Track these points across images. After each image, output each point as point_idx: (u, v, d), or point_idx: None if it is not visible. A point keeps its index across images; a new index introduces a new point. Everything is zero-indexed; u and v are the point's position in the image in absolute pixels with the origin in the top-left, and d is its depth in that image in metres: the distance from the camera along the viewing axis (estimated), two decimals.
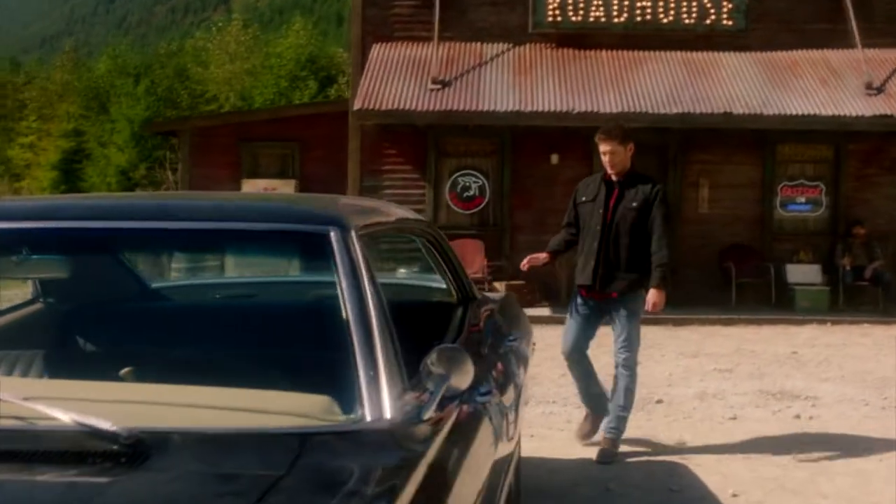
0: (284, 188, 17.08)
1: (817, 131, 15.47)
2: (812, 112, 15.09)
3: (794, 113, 15.07)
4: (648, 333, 12.94)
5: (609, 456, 6.64)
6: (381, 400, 2.54)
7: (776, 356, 11.34)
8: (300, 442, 2.32)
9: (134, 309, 3.86)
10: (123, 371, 2.88)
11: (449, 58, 16.12)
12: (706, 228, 15.93)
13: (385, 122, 15.57)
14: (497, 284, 14.89)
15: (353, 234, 2.92)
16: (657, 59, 16.14)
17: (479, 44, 16.43)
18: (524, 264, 6.78)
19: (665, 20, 16.30)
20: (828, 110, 15.12)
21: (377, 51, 16.32)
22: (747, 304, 15.27)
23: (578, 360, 6.82)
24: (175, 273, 5.20)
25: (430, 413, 2.66)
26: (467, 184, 16.12)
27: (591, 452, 6.73)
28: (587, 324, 6.77)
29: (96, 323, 3.88)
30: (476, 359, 3.98)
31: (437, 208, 16.04)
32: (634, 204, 6.54)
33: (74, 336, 3.89)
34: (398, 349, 2.86)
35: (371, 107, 15.11)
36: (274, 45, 51.34)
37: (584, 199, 6.76)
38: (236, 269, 5.94)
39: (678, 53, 16.23)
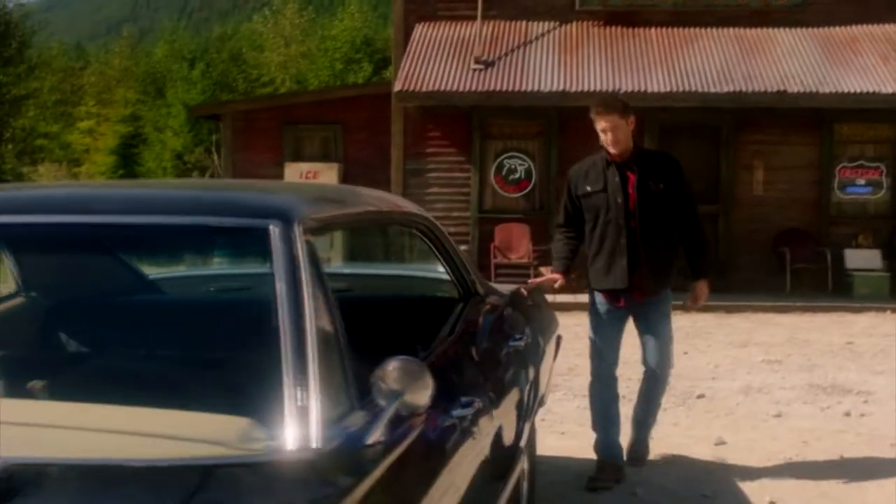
0: (327, 172, 16.78)
1: (878, 110, 14.77)
2: (872, 90, 14.44)
3: (852, 91, 14.43)
4: (697, 321, 12.54)
5: (639, 462, 6.09)
6: (309, 423, 2.17)
7: (830, 346, 10.80)
8: (200, 476, 1.95)
9: (47, 308, 3.47)
10: (32, 384, 2.53)
11: (493, 37, 15.69)
12: (760, 212, 15.33)
13: (426, 103, 15.19)
14: (543, 269, 14.45)
15: (296, 228, 2.54)
16: (708, 36, 15.57)
17: (524, 22, 15.96)
18: (527, 288, 5.37)
19: None
20: (888, 88, 14.45)
21: (420, 30, 15.93)
22: (802, 291, 14.67)
23: (608, 374, 5.85)
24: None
25: (375, 436, 2.29)
26: (513, 166, 15.67)
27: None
28: (614, 331, 5.79)
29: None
30: (466, 363, 3.63)
31: (483, 192, 15.62)
32: (661, 185, 5.54)
33: None
34: (345, 362, 2.49)
35: (412, 88, 14.74)
36: (329, 28, 51.10)
37: (588, 189, 5.61)
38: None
39: (730, 30, 15.65)
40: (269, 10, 56.56)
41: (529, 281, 5.90)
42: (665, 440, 6.62)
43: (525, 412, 4.12)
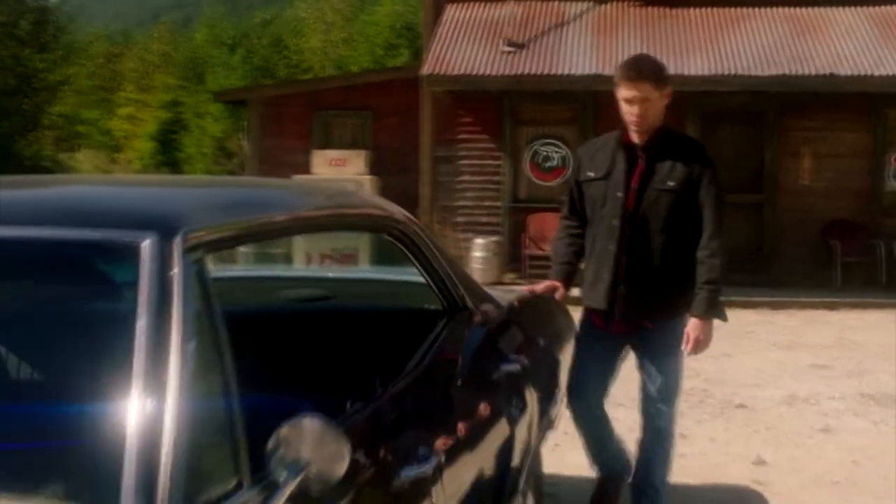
0: (355, 159, 16.17)
1: None
2: None
3: None
4: (740, 318, 11.75)
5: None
6: None
7: (882, 348, 10.02)
8: None
9: None
10: None
11: (525, 18, 15.01)
12: (807, 202, 14.52)
13: (455, 88, 14.56)
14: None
15: (177, 244, 1.92)
16: (755, 16, 14.77)
17: (557, 3, 15.28)
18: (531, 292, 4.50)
19: None
20: None
21: (450, 12, 15.30)
22: (853, 286, 13.85)
23: (591, 415, 4.55)
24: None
25: None
26: (548, 153, 14.99)
27: None
28: (603, 364, 4.50)
29: None
30: (436, 402, 3.00)
31: (517, 180, 14.97)
32: (671, 183, 4.24)
33: None
34: (235, 423, 1.87)
35: (440, 72, 14.12)
36: (370, 13, 50.56)
37: (590, 174, 4.39)
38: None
39: (780, 10, 14.85)
40: None
41: (524, 289, 4.69)
42: (700, 458, 6.01)
43: (520, 450, 3.48)
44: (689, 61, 13.87)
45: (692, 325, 4.28)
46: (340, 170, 15.97)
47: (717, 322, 4.38)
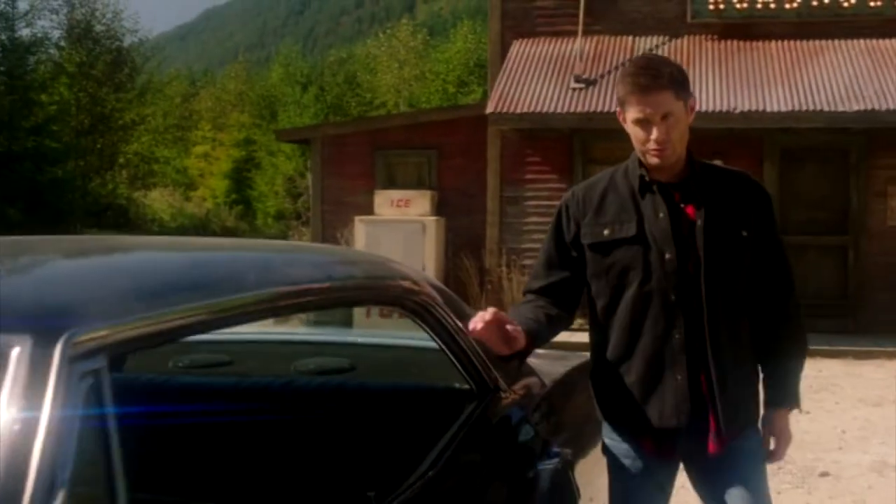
0: (420, 200, 15.69)
1: None
2: None
3: None
4: (823, 369, 11.05)
5: None
6: None
7: None
8: None
9: None
10: None
11: (596, 54, 14.46)
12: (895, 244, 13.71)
13: (521, 126, 14.04)
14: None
15: (60, 351, 1.42)
16: (836, 48, 14.04)
17: (630, 37, 14.67)
18: (477, 328, 2.70)
19: (846, 4, 14.15)
20: None
21: (517, 48, 14.81)
22: None
23: None
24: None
25: None
26: None
27: None
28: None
29: None
30: None
31: None
32: (743, 231, 2.99)
33: None
34: None
35: (506, 110, 13.61)
36: (443, 50, 50.51)
37: (606, 232, 3.02)
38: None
39: (861, 42, 14.08)
40: (382, 32, 56.27)
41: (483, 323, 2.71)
42: None
43: None
44: (769, 96, 13.20)
45: (778, 420, 3.09)
46: (404, 210, 15.53)
47: None
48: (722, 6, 14.46)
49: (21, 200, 28.67)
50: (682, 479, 3.13)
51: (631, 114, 2.91)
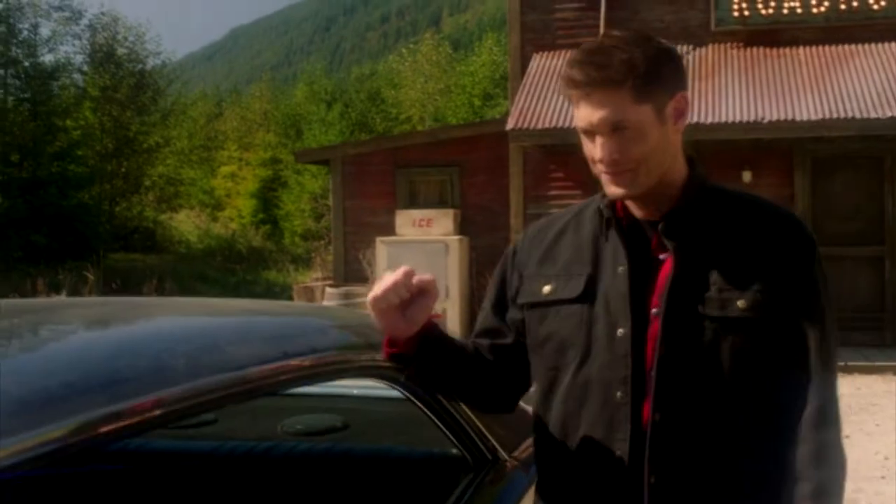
0: (442, 219, 15.39)
1: None
2: None
3: None
4: (862, 386, 10.64)
5: None
6: None
7: None
8: None
9: None
10: None
11: None
12: None
13: (541, 142, 13.73)
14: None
15: None
16: (866, 53, 13.63)
17: None
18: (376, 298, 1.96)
19: (876, 6, 13.77)
20: None
21: (537, 61, 14.51)
22: None
23: None
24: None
25: None
26: None
27: None
28: None
29: None
30: None
31: None
32: (740, 302, 1.94)
33: None
34: None
35: (526, 126, 13.30)
36: (467, 64, 50.32)
37: (544, 288, 2.11)
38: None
39: (892, 45, 13.68)
40: (406, 48, 56.20)
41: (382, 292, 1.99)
42: None
43: None
44: (798, 104, 12.80)
45: None
46: (426, 230, 15.24)
47: None
48: (747, 13, 14.11)
49: (46, 226, 28.59)
50: None
51: (578, 118, 2.01)
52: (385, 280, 1.96)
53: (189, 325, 2.18)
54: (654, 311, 1.96)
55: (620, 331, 1.97)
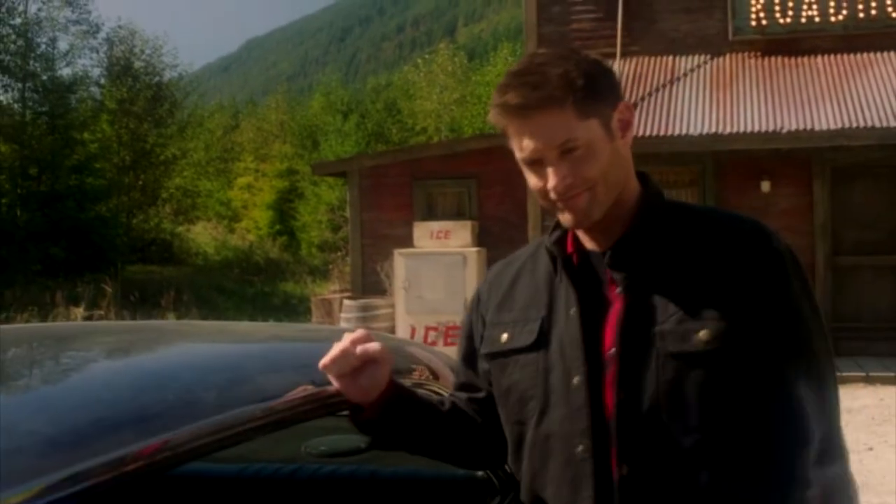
0: (460, 231, 15.38)
1: None
2: None
3: None
4: (884, 397, 10.55)
5: None
6: None
7: None
8: None
9: None
10: None
11: (635, 74, 14.07)
12: None
13: None
14: None
15: None
16: (885, 61, 13.55)
17: (670, 57, 14.29)
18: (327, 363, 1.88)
19: (895, 14, 13.71)
20: None
21: None
22: None
23: None
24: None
25: None
26: None
27: None
28: None
29: None
30: None
31: None
32: (702, 333, 1.74)
33: None
34: None
35: None
36: (483, 74, 50.38)
37: (504, 336, 1.96)
38: None
39: None
40: (422, 58, 56.27)
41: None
42: None
43: None
44: (817, 114, 12.73)
45: None
46: (444, 242, 15.22)
47: (856, 405, 2.94)
48: (765, 21, 14.05)
49: (65, 239, 28.75)
50: None
51: (516, 152, 1.85)
52: (334, 347, 1.86)
53: (217, 353, 2.17)
54: (609, 353, 1.79)
55: (576, 379, 1.81)
